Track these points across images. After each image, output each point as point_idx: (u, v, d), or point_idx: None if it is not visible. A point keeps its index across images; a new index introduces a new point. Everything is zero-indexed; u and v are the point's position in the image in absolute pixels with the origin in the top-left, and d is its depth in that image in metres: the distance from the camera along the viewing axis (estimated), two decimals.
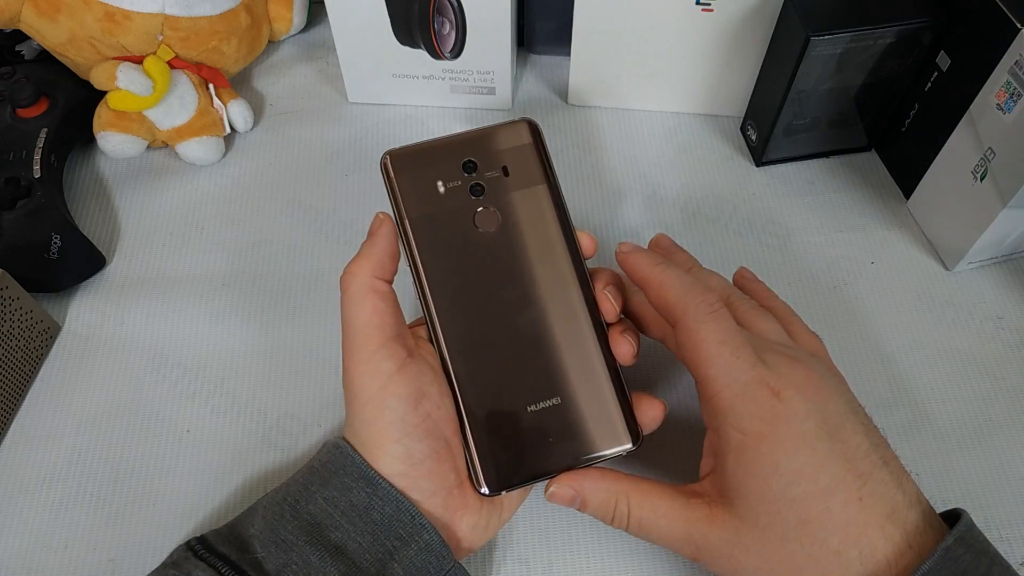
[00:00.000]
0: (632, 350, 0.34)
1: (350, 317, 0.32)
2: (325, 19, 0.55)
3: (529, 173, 0.35)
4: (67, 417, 0.42)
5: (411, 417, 0.31)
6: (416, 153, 0.35)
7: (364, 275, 0.32)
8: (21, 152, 0.46)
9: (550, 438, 0.33)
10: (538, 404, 0.33)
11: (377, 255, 0.33)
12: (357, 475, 0.31)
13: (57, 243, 0.44)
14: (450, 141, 0.35)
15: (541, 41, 0.57)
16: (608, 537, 0.38)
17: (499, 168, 0.35)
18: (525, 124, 0.36)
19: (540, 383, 0.33)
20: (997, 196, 0.42)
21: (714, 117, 0.55)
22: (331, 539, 0.30)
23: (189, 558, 0.30)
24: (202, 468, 0.40)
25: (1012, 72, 0.40)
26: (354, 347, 0.32)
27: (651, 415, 0.34)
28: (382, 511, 0.30)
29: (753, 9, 0.47)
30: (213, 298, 0.46)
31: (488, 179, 0.34)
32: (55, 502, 0.39)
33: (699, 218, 0.50)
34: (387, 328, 0.32)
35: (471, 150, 0.35)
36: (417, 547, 0.30)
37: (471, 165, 0.35)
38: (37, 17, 0.47)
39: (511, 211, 0.34)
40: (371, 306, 0.32)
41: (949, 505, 0.31)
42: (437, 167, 0.35)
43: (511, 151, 0.35)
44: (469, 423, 0.32)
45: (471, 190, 0.34)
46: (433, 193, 0.34)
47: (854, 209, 0.50)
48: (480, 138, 0.35)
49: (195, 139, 0.51)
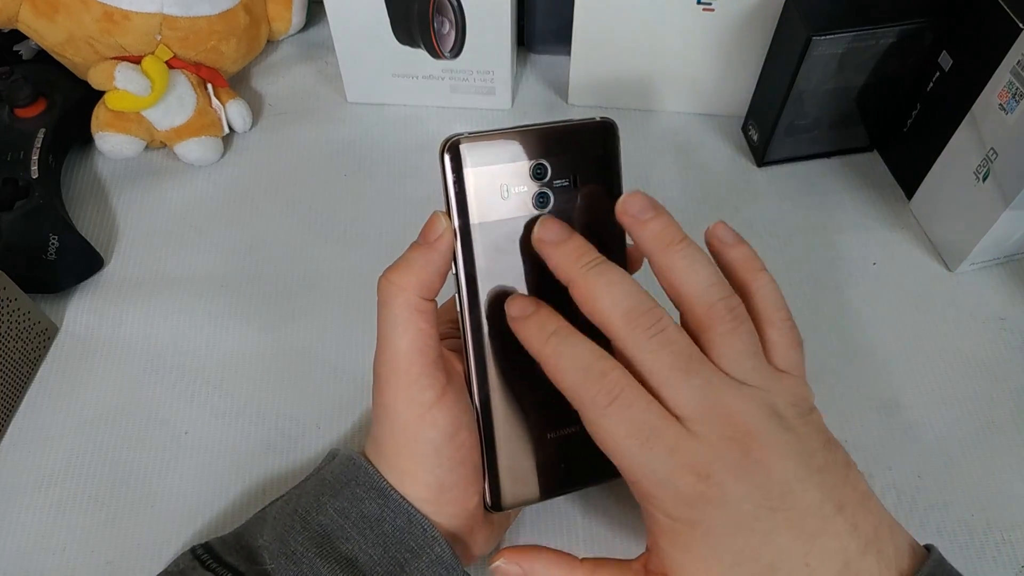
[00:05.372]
0: None
1: (391, 337, 0.29)
2: (324, 19, 0.55)
3: (598, 185, 0.31)
4: (65, 419, 0.42)
5: (446, 449, 0.30)
6: (485, 146, 0.30)
7: (411, 293, 0.29)
8: (19, 152, 0.46)
9: (563, 463, 0.32)
10: (558, 432, 0.32)
11: (430, 273, 0.29)
12: (369, 486, 0.30)
13: (55, 244, 0.44)
14: (524, 136, 0.30)
15: (541, 41, 0.57)
16: (608, 542, 0.38)
17: (570, 176, 0.31)
18: (604, 127, 0.31)
19: (564, 410, 0.30)
20: (1000, 197, 0.42)
21: (715, 117, 0.55)
22: (341, 551, 0.30)
23: (196, 568, 0.30)
24: (200, 470, 0.40)
25: (1014, 72, 0.40)
26: (394, 372, 0.29)
27: None
28: (394, 523, 0.30)
29: (754, 9, 0.47)
30: (212, 299, 0.46)
31: (556, 188, 0.30)
32: (53, 504, 0.39)
33: (700, 218, 0.49)
34: (429, 352, 0.29)
35: (544, 151, 0.30)
36: (428, 560, 0.30)
37: (541, 170, 0.30)
38: (35, 17, 0.47)
39: (572, 225, 0.30)
40: (416, 330, 0.29)
41: (951, 508, 0.31)
42: (504, 167, 0.30)
43: (585, 158, 0.31)
44: (489, 446, 0.32)
45: (536, 200, 0.30)
46: (495, 197, 0.30)
47: (856, 210, 0.50)
48: (555, 137, 0.31)
49: (193, 139, 0.51)
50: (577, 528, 0.38)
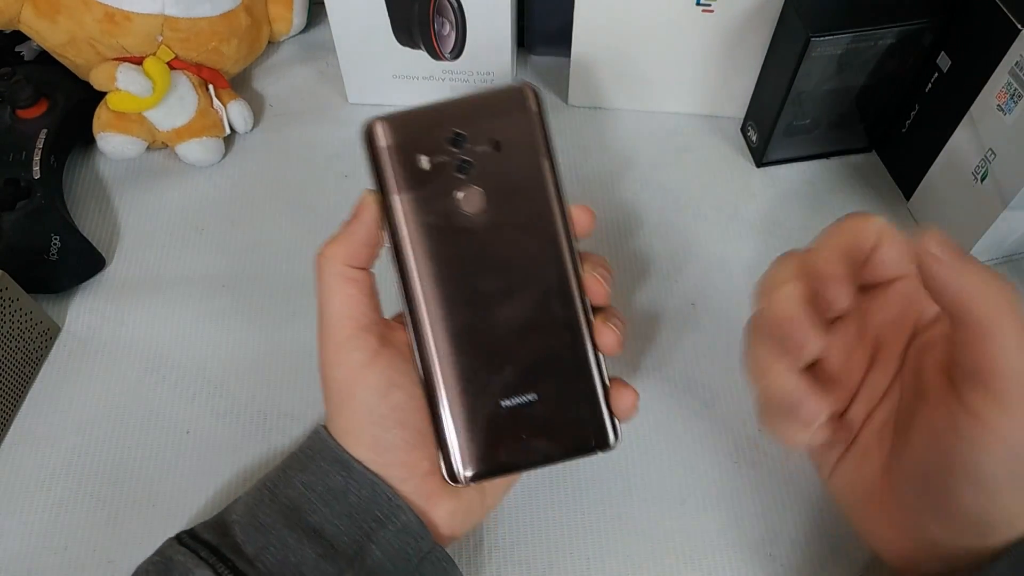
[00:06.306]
0: (616, 339, 0.32)
1: (322, 304, 0.31)
2: (325, 20, 0.55)
3: (523, 148, 0.31)
4: (67, 418, 0.42)
5: (380, 407, 0.31)
6: (403, 122, 0.31)
7: (338, 262, 0.31)
8: (21, 153, 0.46)
9: (523, 434, 0.32)
10: (513, 399, 0.32)
11: (355, 241, 0.31)
12: (332, 459, 0.31)
13: (57, 244, 0.44)
14: (440, 109, 0.31)
15: (541, 41, 0.57)
16: (609, 540, 0.38)
17: (490, 142, 0.31)
18: (523, 90, 0.31)
19: (517, 377, 0.31)
20: (998, 197, 0.42)
21: (714, 118, 0.55)
22: (309, 522, 0.31)
23: (173, 545, 0.31)
24: (202, 470, 0.40)
25: (1013, 73, 0.40)
26: (325, 335, 0.31)
27: (623, 406, 0.32)
28: (358, 494, 0.31)
29: (753, 10, 0.47)
30: (213, 299, 0.46)
31: (477, 155, 0.31)
32: (55, 503, 0.39)
33: (699, 219, 0.50)
34: (360, 317, 0.31)
35: (461, 120, 0.31)
36: (395, 528, 0.31)
37: (460, 138, 0.31)
38: (37, 18, 0.47)
39: (499, 191, 0.31)
40: (344, 294, 0.31)
41: None
42: (423, 139, 0.31)
43: (505, 122, 0.31)
44: (435, 414, 0.32)
45: (458, 168, 0.31)
46: (416, 169, 0.31)
47: (854, 210, 0.50)
48: (473, 106, 0.31)
49: (195, 140, 0.51)
50: (578, 523, 0.39)
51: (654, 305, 0.46)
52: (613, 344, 0.32)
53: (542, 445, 0.32)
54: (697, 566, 0.37)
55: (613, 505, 0.39)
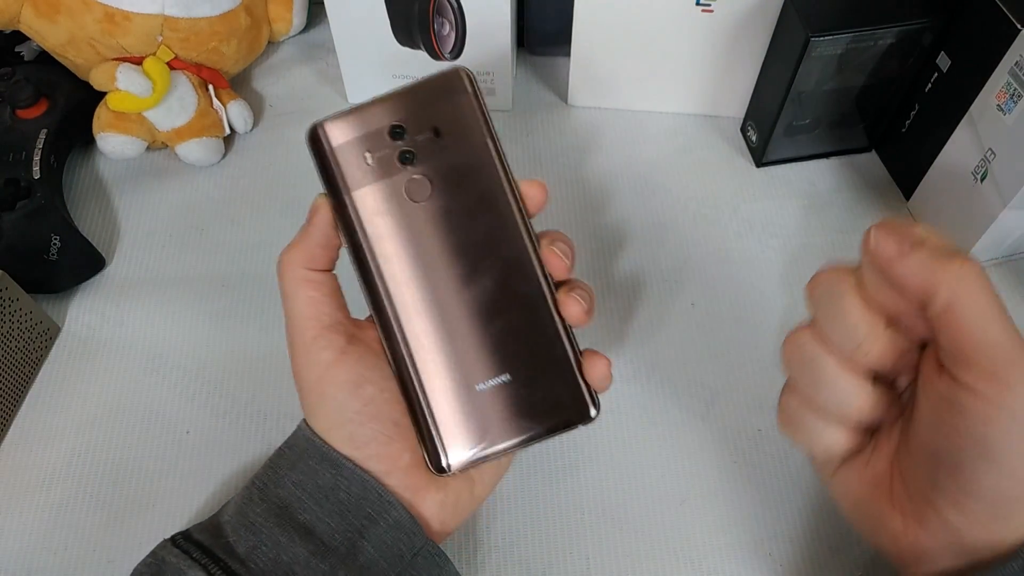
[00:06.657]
0: (581, 308, 0.31)
1: (286, 308, 0.32)
2: (325, 20, 0.55)
3: (462, 131, 0.32)
4: (67, 418, 0.42)
5: (352, 403, 0.31)
6: (342, 123, 0.32)
7: (297, 266, 0.32)
8: (21, 153, 0.46)
9: (503, 416, 0.31)
10: (487, 382, 0.31)
11: (312, 245, 0.32)
12: (320, 457, 0.31)
13: (57, 244, 0.44)
14: (376, 104, 0.32)
15: (541, 41, 0.57)
16: (609, 540, 0.38)
17: (429, 129, 0.31)
18: (456, 73, 0.32)
19: (487, 360, 0.31)
20: (997, 197, 0.42)
21: (714, 118, 0.55)
22: (300, 521, 0.31)
23: (166, 547, 0.31)
24: (202, 470, 0.40)
25: (1012, 73, 0.40)
26: (292, 338, 0.32)
27: (597, 375, 0.31)
28: (348, 491, 0.31)
29: (753, 10, 0.47)
30: (213, 299, 0.46)
31: (418, 144, 0.31)
32: (55, 503, 0.39)
33: (699, 219, 0.50)
34: (323, 318, 0.32)
35: (398, 112, 0.32)
36: (386, 524, 0.31)
37: (399, 130, 0.31)
38: (36, 18, 0.47)
39: (444, 176, 0.32)
40: (304, 297, 0.32)
41: None
42: (365, 136, 0.31)
43: (441, 108, 0.32)
44: (412, 406, 0.32)
45: (400, 158, 0.31)
46: (362, 166, 0.31)
47: (854, 210, 0.50)
48: (408, 97, 0.32)
49: (195, 140, 0.51)
50: (578, 522, 0.39)
51: (654, 305, 0.46)
52: (579, 314, 0.31)
53: (523, 424, 0.31)
54: (697, 566, 0.37)
55: (613, 505, 0.39)
